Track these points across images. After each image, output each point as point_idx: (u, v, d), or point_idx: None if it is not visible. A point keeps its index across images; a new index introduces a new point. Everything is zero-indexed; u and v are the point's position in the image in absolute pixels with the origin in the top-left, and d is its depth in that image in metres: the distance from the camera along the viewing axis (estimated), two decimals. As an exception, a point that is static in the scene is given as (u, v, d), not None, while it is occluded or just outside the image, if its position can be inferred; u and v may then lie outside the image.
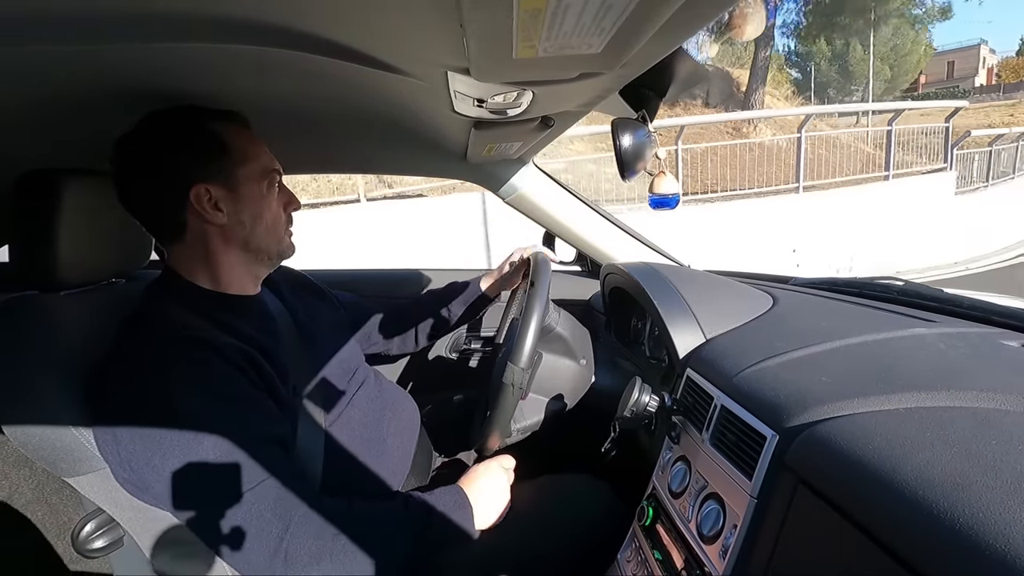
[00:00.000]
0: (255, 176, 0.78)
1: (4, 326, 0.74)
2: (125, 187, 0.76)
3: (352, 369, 0.95)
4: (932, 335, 0.75)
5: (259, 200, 0.78)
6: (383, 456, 0.89)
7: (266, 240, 0.80)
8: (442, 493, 0.78)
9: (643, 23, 0.40)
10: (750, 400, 0.67)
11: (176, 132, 0.73)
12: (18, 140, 0.77)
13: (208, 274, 0.79)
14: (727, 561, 0.60)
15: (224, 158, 0.75)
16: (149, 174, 0.74)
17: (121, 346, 0.72)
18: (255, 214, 0.78)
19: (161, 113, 0.73)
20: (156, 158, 0.73)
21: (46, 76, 0.58)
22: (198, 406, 0.65)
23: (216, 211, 0.75)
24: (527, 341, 0.84)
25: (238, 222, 0.77)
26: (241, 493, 0.64)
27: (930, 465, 0.45)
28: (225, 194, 0.75)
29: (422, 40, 0.50)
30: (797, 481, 0.54)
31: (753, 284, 1.16)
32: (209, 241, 0.77)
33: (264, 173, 0.79)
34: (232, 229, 0.77)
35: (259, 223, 0.79)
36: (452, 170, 1.31)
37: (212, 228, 0.76)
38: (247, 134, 0.79)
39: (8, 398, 0.72)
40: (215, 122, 0.75)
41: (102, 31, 0.47)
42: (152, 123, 0.73)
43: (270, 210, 0.80)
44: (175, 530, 0.76)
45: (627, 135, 0.77)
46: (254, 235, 0.79)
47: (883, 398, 0.57)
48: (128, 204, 0.77)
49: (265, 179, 0.79)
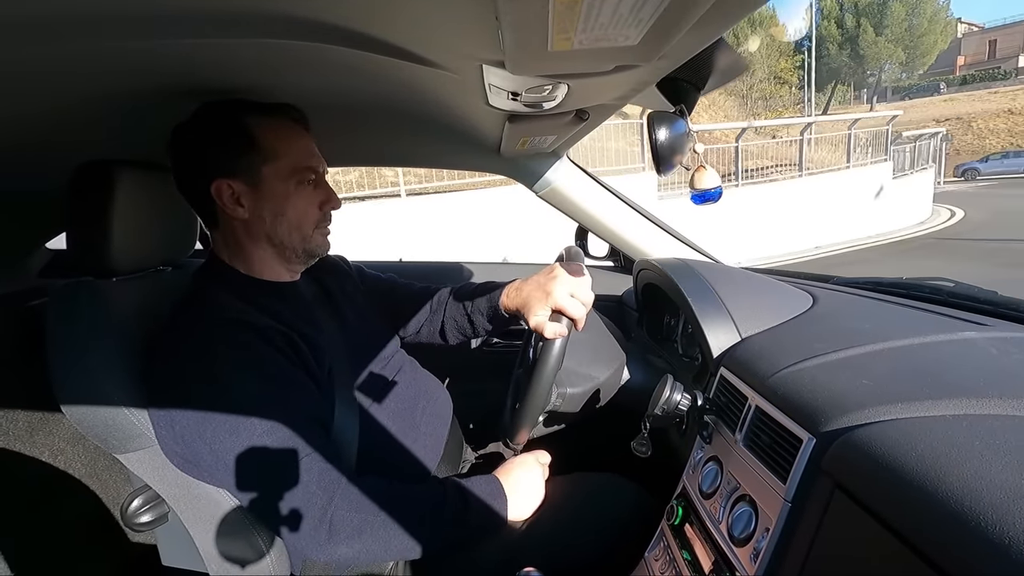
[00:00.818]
0: (282, 174, 0.79)
1: (61, 309, 0.78)
2: (174, 174, 0.81)
3: (389, 356, 0.97)
4: (983, 339, 0.72)
5: (283, 197, 0.79)
6: (416, 443, 0.91)
7: (289, 237, 0.81)
8: (479, 481, 0.80)
9: (682, 14, 0.40)
10: (786, 402, 0.65)
11: (211, 126, 0.76)
12: (78, 133, 0.80)
13: (242, 262, 0.83)
14: (758, 565, 0.58)
15: (251, 155, 0.77)
16: (185, 164, 0.79)
17: (171, 328, 0.77)
18: (276, 211, 0.80)
19: (208, 107, 0.77)
20: (190, 150, 0.78)
21: (105, 72, 0.60)
22: (244, 384, 0.69)
23: (237, 206, 0.78)
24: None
25: (259, 218, 0.79)
26: (287, 466, 0.67)
27: (978, 475, 0.43)
28: (247, 190, 0.78)
29: (457, 33, 0.50)
30: (834, 486, 0.52)
31: (792, 283, 1.13)
32: (236, 232, 0.81)
33: (294, 171, 0.79)
34: (253, 224, 0.80)
35: (281, 220, 0.80)
36: (485, 164, 1.31)
37: (236, 221, 0.80)
38: (286, 131, 0.80)
39: (64, 377, 0.76)
40: (254, 116, 0.77)
41: (157, 27, 0.49)
42: (197, 116, 0.77)
43: (295, 208, 0.80)
44: (217, 508, 0.80)
45: (663, 129, 0.76)
46: (276, 231, 0.81)
47: (928, 403, 0.55)
48: (178, 190, 0.82)
49: (294, 177, 0.79)
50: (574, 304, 0.84)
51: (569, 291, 0.85)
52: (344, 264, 1.07)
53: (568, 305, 0.84)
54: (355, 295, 1.01)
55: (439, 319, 1.08)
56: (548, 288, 0.85)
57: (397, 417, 0.90)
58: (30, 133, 0.77)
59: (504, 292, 0.97)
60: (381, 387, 0.91)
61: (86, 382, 0.75)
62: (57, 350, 0.77)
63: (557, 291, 0.84)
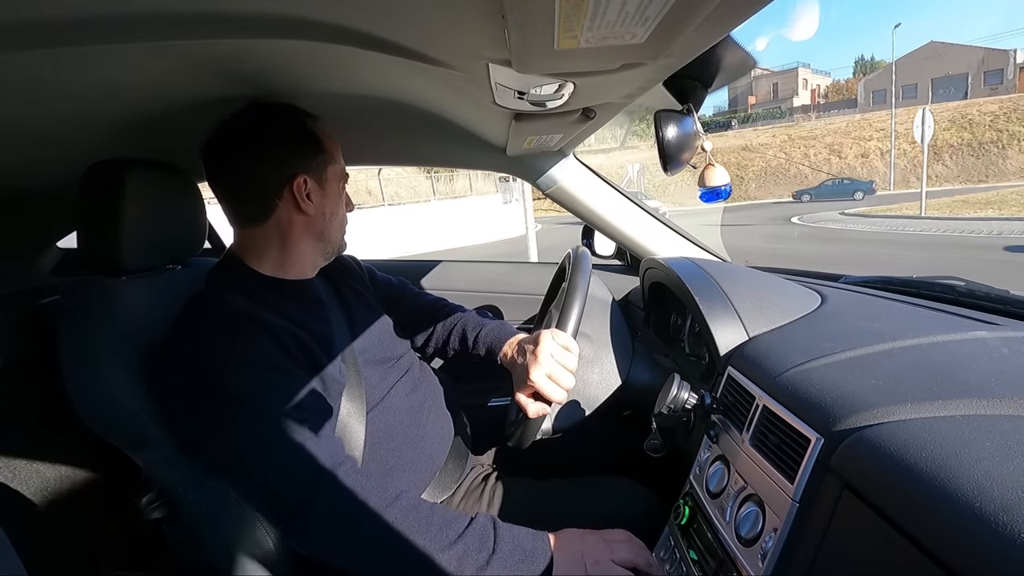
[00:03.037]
0: (338, 175, 0.88)
1: (72, 308, 0.79)
2: (226, 165, 0.81)
3: (397, 355, 0.97)
4: (995, 339, 0.71)
5: (337, 197, 0.88)
6: (422, 442, 0.91)
7: (336, 233, 0.90)
8: (519, 532, 0.69)
9: (689, 11, 0.39)
10: (794, 401, 0.65)
11: (285, 124, 0.81)
12: (92, 132, 0.81)
13: (277, 258, 0.85)
14: (766, 565, 0.58)
15: (322, 155, 0.83)
16: (259, 156, 0.80)
17: (181, 325, 0.78)
18: (333, 209, 0.87)
19: (265, 106, 0.80)
20: (267, 143, 0.79)
21: (122, 72, 0.61)
22: (245, 377, 0.70)
23: (308, 201, 0.82)
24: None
25: (321, 214, 0.85)
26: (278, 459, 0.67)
27: (989, 476, 0.42)
28: (316, 187, 0.83)
29: (464, 32, 0.51)
30: (842, 487, 0.52)
31: (800, 281, 1.12)
32: (291, 227, 0.84)
33: (343, 174, 0.89)
34: (316, 220, 0.85)
35: (335, 218, 0.87)
36: (492, 162, 1.31)
37: (299, 216, 0.83)
38: (332, 137, 0.87)
39: (75, 375, 0.77)
40: (312, 121, 0.84)
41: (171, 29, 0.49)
42: (260, 112, 0.80)
43: (341, 207, 0.89)
44: (226, 505, 0.80)
45: (671, 127, 0.76)
46: (329, 227, 0.87)
47: (938, 404, 0.55)
48: (222, 182, 0.82)
49: (342, 179, 0.89)
50: (551, 387, 0.80)
51: (547, 372, 0.81)
52: (356, 264, 1.08)
53: (545, 388, 0.80)
54: (366, 295, 1.02)
55: (443, 340, 1.09)
56: (530, 367, 0.82)
57: (404, 417, 0.90)
58: (48, 131, 0.78)
59: (504, 347, 0.96)
60: (389, 387, 0.91)
61: (97, 380, 0.76)
62: (68, 348, 0.78)
63: (534, 374, 0.81)
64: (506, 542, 0.66)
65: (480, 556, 0.64)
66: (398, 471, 0.86)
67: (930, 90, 35.00)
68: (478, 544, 0.65)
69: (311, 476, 0.67)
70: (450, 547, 0.64)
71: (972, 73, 34.56)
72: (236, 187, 0.82)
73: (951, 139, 24.71)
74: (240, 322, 0.74)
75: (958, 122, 25.08)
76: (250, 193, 0.82)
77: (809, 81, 49.41)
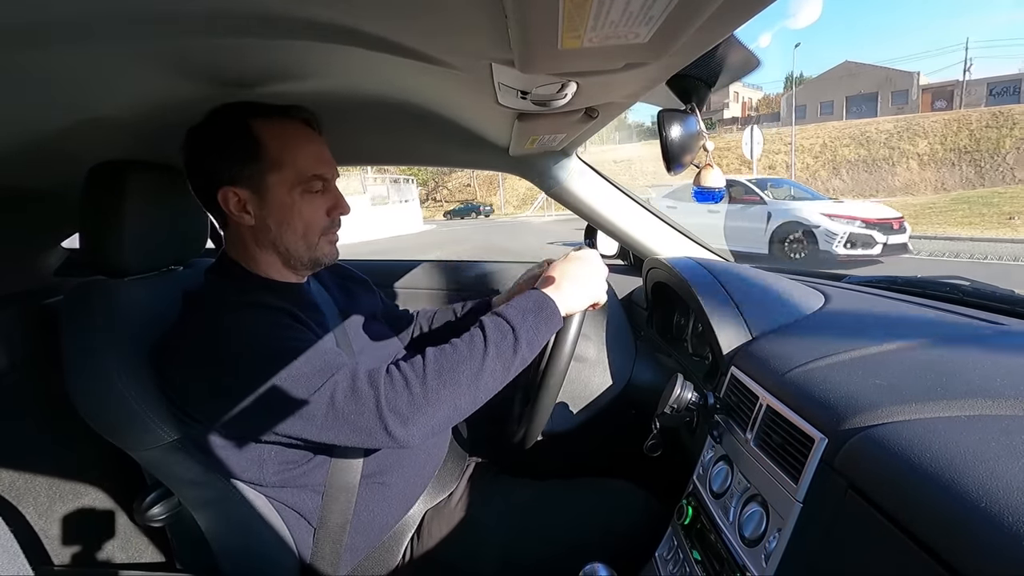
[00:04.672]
0: (287, 183, 0.77)
1: (74, 309, 0.79)
2: (187, 176, 0.81)
3: (391, 356, 0.97)
4: (1001, 339, 0.71)
5: (288, 207, 0.78)
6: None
7: (295, 245, 0.81)
8: (518, 303, 0.77)
9: (693, 11, 0.39)
10: (798, 401, 0.65)
11: (220, 132, 0.76)
12: (96, 132, 0.81)
13: (251, 263, 0.83)
14: (769, 565, 0.58)
15: (257, 163, 0.76)
16: (193, 169, 0.79)
17: (182, 323, 0.77)
18: (282, 220, 0.79)
19: (220, 110, 0.77)
20: (199, 155, 0.78)
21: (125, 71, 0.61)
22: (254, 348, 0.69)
23: (243, 213, 0.78)
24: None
25: (265, 226, 0.79)
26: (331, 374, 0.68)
27: (994, 477, 0.42)
28: (253, 197, 0.77)
29: (467, 32, 0.50)
30: (846, 487, 0.52)
31: (803, 281, 1.12)
32: (244, 236, 0.81)
33: (298, 180, 0.78)
34: (260, 231, 0.79)
35: (286, 228, 0.79)
36: (494, 162, 1.31)
37: (242, 227, 0.80)
38: (294, 136, 0.79)
39: (78, 375, 0.77)
40: (263, 121, 0.77)
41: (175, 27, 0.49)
42: (208, 120, 0.77)
43: (300, 217, 0.79)
44: (228, 504, 0.80)
45: (675, 127, 0.75)
46: (282, 239, 0.80)
47: (943, 404, 0.54)
48: (192, 191, 0.82)
49: (300, 186, 0.78)
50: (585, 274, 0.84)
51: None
52: (349, 271, 1.08)
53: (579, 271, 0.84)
54: (359, 300, 1.02)
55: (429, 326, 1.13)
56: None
57: None
58: (51, 132, 0.78)
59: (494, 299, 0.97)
60: None
61: (99, 380, 0.76)
62: (70, 349, 0.78)
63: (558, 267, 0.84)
64: (513, 314, 0.74)
65: (507, 340, 0.72)
66: (396, 471, 0.86)
67: (844, 107, 36.91)
68: (499, 332, 0.73)
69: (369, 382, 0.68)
70: (486, 354, 0.71)
71: (881, 93, 36.65)
72: (197, 195, 0.82)
73: (849, 155, 25.97)
74: (240, 306, 0.74)
75: (858, 139, 26.33)
76: (203, 202, 0.81)
77: (740, 94, 50.30)
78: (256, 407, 0.67)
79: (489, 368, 0.70)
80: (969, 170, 21.69)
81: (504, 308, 0.76)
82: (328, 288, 0.97)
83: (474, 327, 0.74)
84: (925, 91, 35.84)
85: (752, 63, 0.74)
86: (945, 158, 22.43)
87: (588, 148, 23.67)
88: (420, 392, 0.67)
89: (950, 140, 22.84)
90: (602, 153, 34.62)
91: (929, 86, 36.45)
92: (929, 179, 22.14)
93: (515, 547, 0.87)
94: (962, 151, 22.28)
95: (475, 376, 0.69)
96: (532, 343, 0.74)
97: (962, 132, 22.85)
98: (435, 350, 0.72)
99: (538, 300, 0.77)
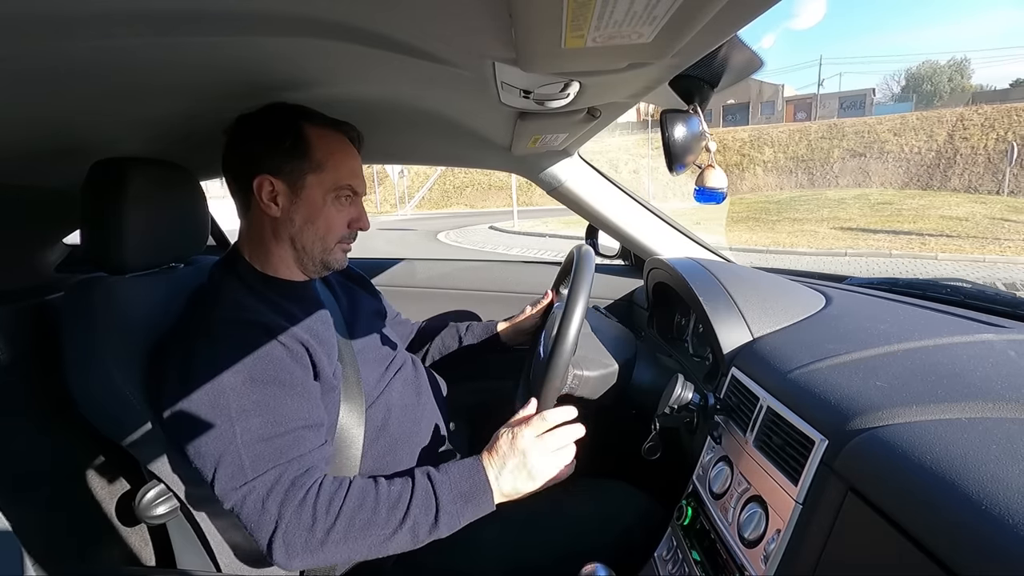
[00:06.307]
0: (322, 186, 0.82)
1: (75, 306, 0.79)
2: (225, 153, 0.83)
3: (391, 355, 0.98)
4: (1002, 342, 0.70)
5: (317, 208, 0.82)
6: (418, 438, 0.92)
7: (312, 243, 0.84)
8: (454, 468, 0.74)
9: (697, 11, 0.39)
10: (798, 403, 0.65)
11: (273, 125, 0.80)
12: (97, 129, 0.81)
13: (260, 258, 0.84)
14: (769, 566, 0.58)
15: (300, 161, 0.80)
16: (235, 151, 0.82)
17: (185, 323, 0.78)
18: (308, 217, 0.82)
19: (276, 106, 0.80)
20: (246, 140, 0.81)
21: (130, 68, 0.61)
22: (242, 386, 0.69)
23: (272, 203, 0.80)
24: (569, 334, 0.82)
25: (289, 219, 0.82)
26: (253, 476, 0.68)
27: (995, 479, 0.42)
28: (287, 191, 0.80)
29: (470, 31, 0.50)
30: (847, 488, 0.52)
31: (805, 283, 1.12)
32: (263, 227, 0.83)
33: (333, 187, 0.82)
34: (282, 224, 0.82)
35: (309, 226, 0.83)
36: (496, 161, 1.31)
37: (266, 217, 0.82)
38: (340, 147, 0.83)
39: (78, 372, 0.77)
40: (315, 127, 0.81)
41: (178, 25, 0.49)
42: (264, 111, 0.80)
43: (325, 219, 0.83)
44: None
45: (678, 127, 0.75)
46: (301, 235, 0.83)
47: (944, 406, 0.54)
48: (223, 170, 0.85)
49: (332, 192, 0.82)
50: None
51: None
52: (350, 269, 1.08)
53: None
54: (360, 298, 1.03)
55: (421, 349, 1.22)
56: None
57: (400, 413, 0.91)
58: (54, 128, 0.78)
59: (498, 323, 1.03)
60: (384, 385, 0.92)
61: (99, 377, 0.76)
62: (71, 345, 0.78)
63: None
64: (446, 494, 0.71)
65: (428, 518, 0.70)
66: (394, 468, 0.86)
67: (721, 116, 38.22)
68: (424, 508, 0.70)
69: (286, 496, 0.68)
70: (401, 525, 0.69)
71: (752, 103, 38.45)
72: (228, 176, 0.84)
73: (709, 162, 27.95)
74: (244, 327, 0.73)
75: (720, 147, 27.65)
76: (232, 183, 0.84)
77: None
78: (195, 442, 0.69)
79: (398, 540, 0.69)
80: (803, 177, 23.79)
81: (441, 479, 0.72)
82: (331, 287, 0.98)
83: (404, 487, 0.71)
84: (789, 103, 38.47)
85: (755, 64, 0.74)
86: (785, 165, 24.50)
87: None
88: (320, 537, 0.67)
89: (791, 149, 24.76)
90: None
91: (792, 98, 39.74)
92: (771, 183, 24.04)
93: (514, 547, 0.87)
94: (799, 159, 24.30)
95: (381, 542, 0.69)
96: (451, 526, 0.71)
97: (802, 142, 24.71)
98: (358, 497, 0.69)
99: (477, 485, 0.72)
